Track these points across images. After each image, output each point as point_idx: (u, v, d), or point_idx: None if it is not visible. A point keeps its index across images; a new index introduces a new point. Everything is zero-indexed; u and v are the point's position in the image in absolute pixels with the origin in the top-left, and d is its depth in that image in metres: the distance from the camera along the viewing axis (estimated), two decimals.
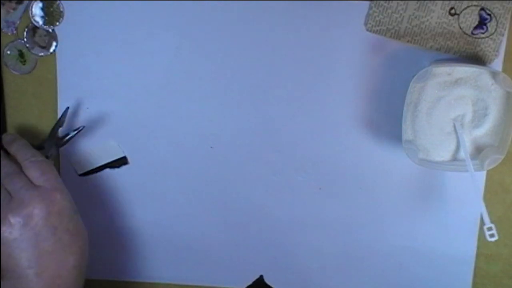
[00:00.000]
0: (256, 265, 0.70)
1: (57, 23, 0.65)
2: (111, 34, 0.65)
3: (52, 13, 0.65)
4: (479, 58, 0.64)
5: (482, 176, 0.66)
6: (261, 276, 0.56)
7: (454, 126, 0.63)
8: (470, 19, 0.63)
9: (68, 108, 0.64)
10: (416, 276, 0.69)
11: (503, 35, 0.63)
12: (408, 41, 0.64)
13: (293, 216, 0.68)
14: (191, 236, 0.70)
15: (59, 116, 0.65)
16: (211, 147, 0.67)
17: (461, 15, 0.63)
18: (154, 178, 0.68)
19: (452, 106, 0.62)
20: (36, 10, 0.64)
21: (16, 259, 0.56)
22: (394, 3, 0.63)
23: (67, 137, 0.65)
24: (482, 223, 0.62)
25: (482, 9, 0.63)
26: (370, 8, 0.63)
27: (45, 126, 0.67)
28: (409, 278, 0.69)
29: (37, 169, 0.59)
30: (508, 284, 0.69)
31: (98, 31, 0.65)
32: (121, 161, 0.68)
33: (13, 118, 0.67)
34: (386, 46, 0.64)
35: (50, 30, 0.65)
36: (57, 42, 0.65)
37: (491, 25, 0.63)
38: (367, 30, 0.64)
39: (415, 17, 0.63)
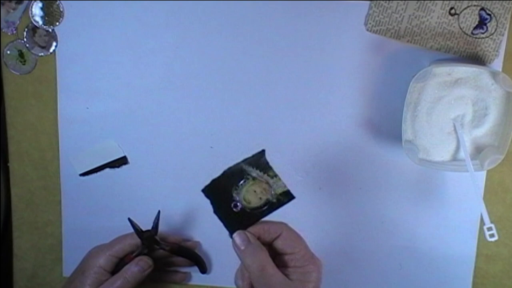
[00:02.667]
0: None
1: (57, 23, 0.65)
2: (111, 34, 0.65)
3: (52, 13, 0.65)
4: (479, 58, 0.64)
5: (482, 176, 0.66)
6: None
7: (454, 126, 0.63)
8: (470, 19, 0.63)
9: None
10: (416, 276, 0.69)
11: (503, 35, 0.63)
12: (408, 41, 0.64)
13: (293, 216, 0.68)
14: (191, 236, 0.70)
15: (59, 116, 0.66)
16: (211, 147, 0.67)
17: (461, 15, 0.63)
18: (154, 178, 0.68)
19: (452, 106, 0.62)
20: (36, 10, 0.64)
21: None
22: (394, 3, 0.63)
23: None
24: (482, 223, 0.62)
25: (482, 9, 0.63)
26: (370, 8, 0.63)
27: (45, 126, 0.67)
28: (409, 278, 0.69)
29: None
30: (508, 284, 0.69)
31: (98, 31, 0.65)
32: (121, 161, 0.68)
33: (13, 118, 0.67)
34: (386, 46, 0.64)
35: (50, 30, 0.65)
36: (57, 42, 0.65)
37: (491, 25, 0.63)
38: (367, 30, 0.64)
39: (415, 17, 0.63)
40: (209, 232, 0.69)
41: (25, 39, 0.65)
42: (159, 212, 0.64)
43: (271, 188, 0.58)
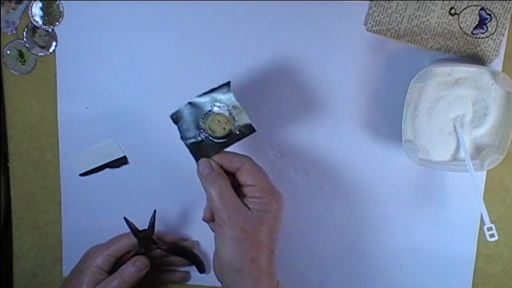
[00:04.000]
0: None
1: (57, 23, 0.65)
2: (111, 34, 0.65)
3: (51, 13, 0.65)
4: (479, 58, 0.64)
5: (482, 176, 0.66)
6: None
7: (454, 126, 0.62)
8: (470, 19, 0.63)
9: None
10: (416, 276, 0.69)
11: (503, 35, 0.63)
12: (408, 41, 0.64)
13: (293, 216, 0.68)
14: (191, 236, 0.70)
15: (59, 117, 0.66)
16: None
17: (461, 15, 0.63)
18: (154, 178, 0.68)
19: (452, 106, 0.62)
20: (36, 10, 0.64)
21: None
22: (394, 3, 0.63)
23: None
24: (482, 223, 0.62)
25: (482, 9, 0.63)
26: (370, 8, 0.63)
27: (45, 126, 0.67)
28: (409, 278, 0.69)
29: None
30: (508, 284, 0.69)
31: (98, 31, 0.65)
32: (121, 161, 0.68)
33: (13, 118, 0.67)
34: (386, 46, 0.64)
35: (50, 30, 0.65)
36: (56, 42, 0.65)
37: (491, 25, 0.63)
38: (367, 30, 0.64)
39: (415, 17, 0.63)
40: (208, 232, 0.69)
41: (25, 39, 0.65)
42: (155, 211, 0.64)
43: (234, 120, 0.59)
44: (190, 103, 0.59)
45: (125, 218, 0.63)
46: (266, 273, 0.57)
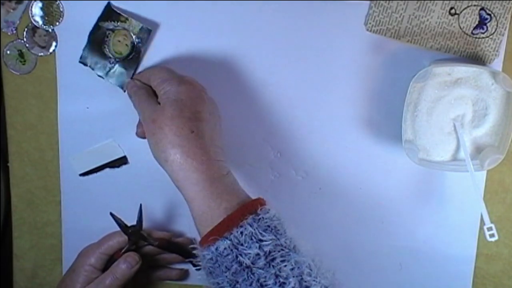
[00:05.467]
0: None
1: (57, 23, 0.65)
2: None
3: (52, 13, 0.64)
4: (479, 58, 0.64)
5: (482, 176, 0.66)
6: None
7: (454, 126, 0.63)
8: (470, 19, 0.63)
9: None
10: (416, 276, 0.69)
11: (503, 35, 0.63)
12: (408, 41, 0.64)
13: (293, 216, 0.68)
14: (191, 234, 0.70)
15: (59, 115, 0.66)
16: None
17: (461, 15, 0.63)
18: (154, 178, 0.68)
19: (452, 106, 0.62)
20: (36, 10, 0.64)
21: None
22: (394, 3, 0.63)
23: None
24: (482, 223, 0.62)
25: (482, 9, 0.63)
26: (370, 8, 0.63)
27: (45, 126, 0.67)
28: (409, 278, 0.69)
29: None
30: (508, 284, 0.69)
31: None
32: (121, 161, 0.68)
33: (13, 118, 0.67)
34: (386, 46, 0.64)
35: (50, 30, 0.65)
36: (57, 42, 0.65)
37: (491, 25, 0.63)
38: (367, 30, 0.64)
39: (415, 17, 0.63)
40: None
41: (25, 39, 0.65)
42: (140, 206, 0.64)
43: (129, 32, 0.62)
44: (88, 41, 0.63)
45: (111, 214, 0.63)
46: (194, 155, 0.56)
